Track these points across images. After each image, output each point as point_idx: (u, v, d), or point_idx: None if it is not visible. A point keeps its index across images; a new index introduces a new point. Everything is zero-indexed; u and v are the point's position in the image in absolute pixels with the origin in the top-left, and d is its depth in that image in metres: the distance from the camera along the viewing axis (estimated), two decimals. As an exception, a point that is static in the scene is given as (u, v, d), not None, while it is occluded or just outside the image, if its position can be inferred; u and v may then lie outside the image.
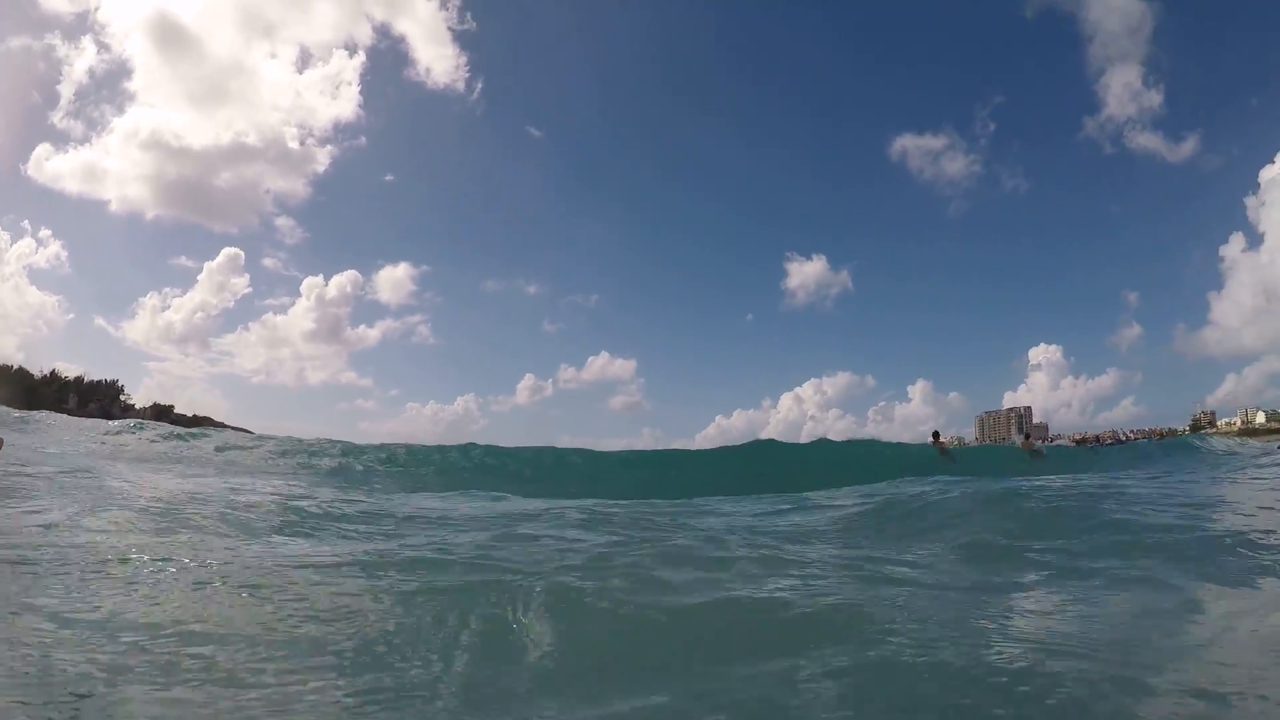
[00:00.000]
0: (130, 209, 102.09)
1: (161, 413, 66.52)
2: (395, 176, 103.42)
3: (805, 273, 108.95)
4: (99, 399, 68.10)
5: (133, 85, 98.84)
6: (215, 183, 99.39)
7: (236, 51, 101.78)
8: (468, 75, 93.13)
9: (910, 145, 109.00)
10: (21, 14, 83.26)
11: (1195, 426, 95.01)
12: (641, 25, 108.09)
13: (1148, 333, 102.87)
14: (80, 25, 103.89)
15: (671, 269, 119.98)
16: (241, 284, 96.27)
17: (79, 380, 69.76)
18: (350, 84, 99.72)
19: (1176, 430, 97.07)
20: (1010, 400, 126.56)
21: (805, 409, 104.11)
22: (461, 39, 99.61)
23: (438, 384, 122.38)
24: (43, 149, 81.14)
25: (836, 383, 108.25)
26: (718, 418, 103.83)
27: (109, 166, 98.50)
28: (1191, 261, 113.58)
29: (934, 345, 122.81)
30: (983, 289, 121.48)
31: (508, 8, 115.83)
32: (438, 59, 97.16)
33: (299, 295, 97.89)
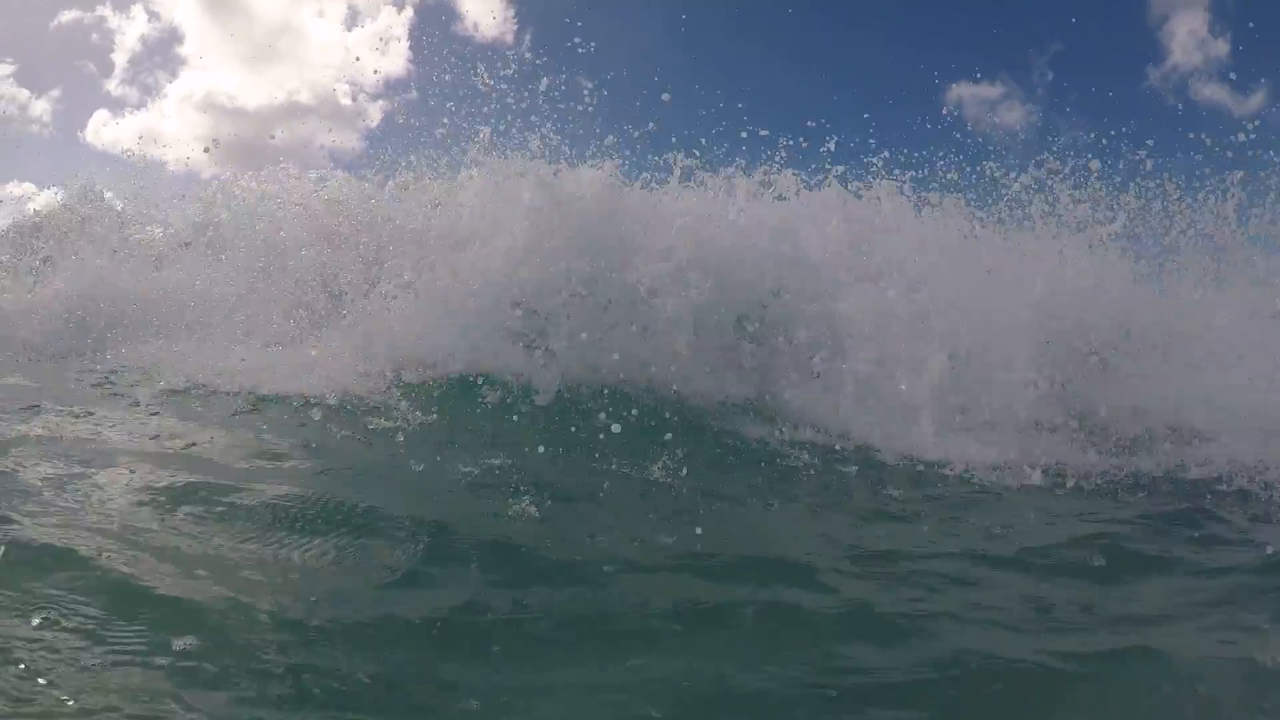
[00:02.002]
0: (188, 169, 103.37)
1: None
2: (445, 131, 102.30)
3: None
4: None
5: (184, 50, 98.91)
6: (270, 141, 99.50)
7: (284, 11, 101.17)
8: (515, 27, 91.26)
9: (967, 93, 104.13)
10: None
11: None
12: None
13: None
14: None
15: None
16: None
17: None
18: (399, 39, 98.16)
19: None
20: None
21: None
22: None
23: None
24: (99, 115, 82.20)
25: None
26: None
27: (165, 129, 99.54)
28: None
29: None
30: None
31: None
32: (484, 12, 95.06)
33: None
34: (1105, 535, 2.78)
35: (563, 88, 5.91)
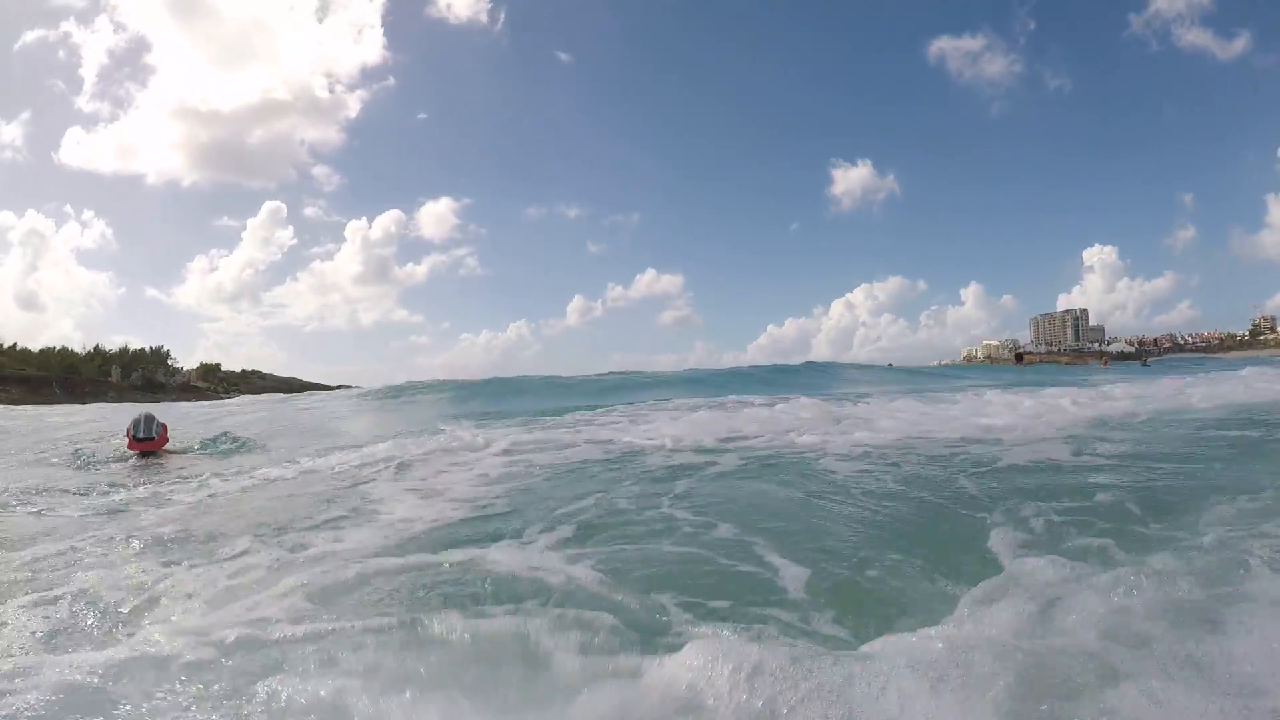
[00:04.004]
0: (167, 178, 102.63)
1: (208, 371, 67.51)
2: (428, 114, 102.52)
3: (850, 179, 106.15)
4: (143, 368, 69.15)
5: (153, 58, 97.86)
6: (248, 141, 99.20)
7: (253, 8, 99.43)
8: (489, 6, 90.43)
9: (948, 47, 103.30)
10: (32, 8, 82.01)
11: (1255, 332, 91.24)
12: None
13: (1203, 235, 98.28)
14: (92, 8, 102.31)
15: (712, 182, 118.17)
16: (286, 236, 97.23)
17: (123, 351, 70.88)
18: (373, 27, 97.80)
19: (1235, 335, 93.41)
20: (1065, 303, 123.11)
21: (857, 315, 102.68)
22: None
23: (489, 313, 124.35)
24: (73, 133, 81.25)
25: (888, 288, 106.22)
26: (769, 327, 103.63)
27: (140, 140, 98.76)
28: (1246, 162, 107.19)
29: (985, 248, 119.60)
30: (1032, 191, 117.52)
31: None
32: None
33: (344, 240, 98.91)
34: None
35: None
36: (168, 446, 8.18)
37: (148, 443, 7.82)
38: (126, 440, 7.87)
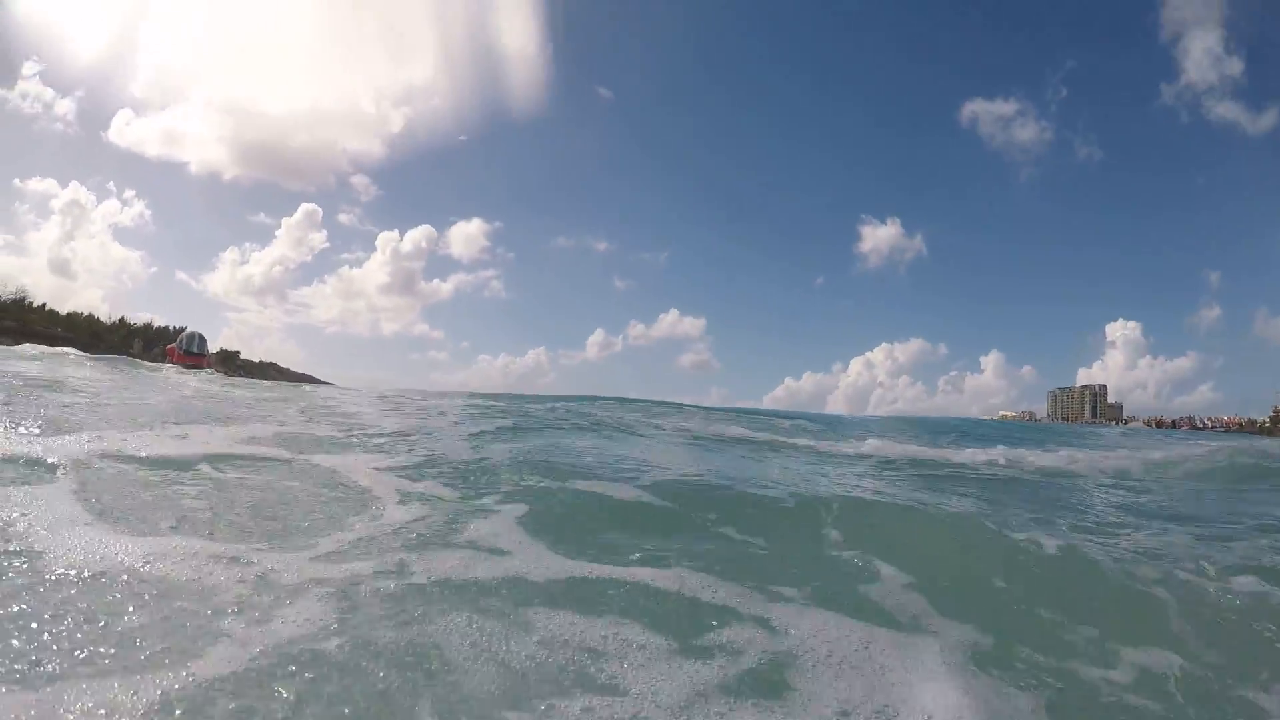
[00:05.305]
0: (209, 169, 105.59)
1: (227, 358, 68.30)
2: (468, 136, 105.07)
3: (879, 237, 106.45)
4: (164, 343, 70.14)
5: (209, 54, 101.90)
6: (292, 144, 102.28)
7: (310, 17, 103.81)
8: (539, 37, 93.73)
9: (981, 110, 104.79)
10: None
11: (1276, 419, 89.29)
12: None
13: (1228, 315, 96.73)
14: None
15: (741, 229, 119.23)
16: (319, 239, 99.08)
17: (147, 326, 72.02)
18: (425, 48, 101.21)
19: (1256, 421, 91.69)
20: (1085, 377, 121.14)
21: (875, 374, 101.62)
22: (534, 1, 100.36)
23: (509, 337, 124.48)
24: (123, 114, 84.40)
25: (909, 349, 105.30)
26: (786, 379, 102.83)
27: (188, 130, 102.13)
28: (1275, 242, 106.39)
29: (1009, 315, 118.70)
30: (1058, 260, 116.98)
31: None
32: (510, 21, 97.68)
33: (374, 249, 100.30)
34: None
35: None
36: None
37: (195, 358, 8.03)
38: (172, 353, 8.10)
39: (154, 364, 29.38)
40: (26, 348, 25.21)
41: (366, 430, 6.53)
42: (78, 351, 27.90)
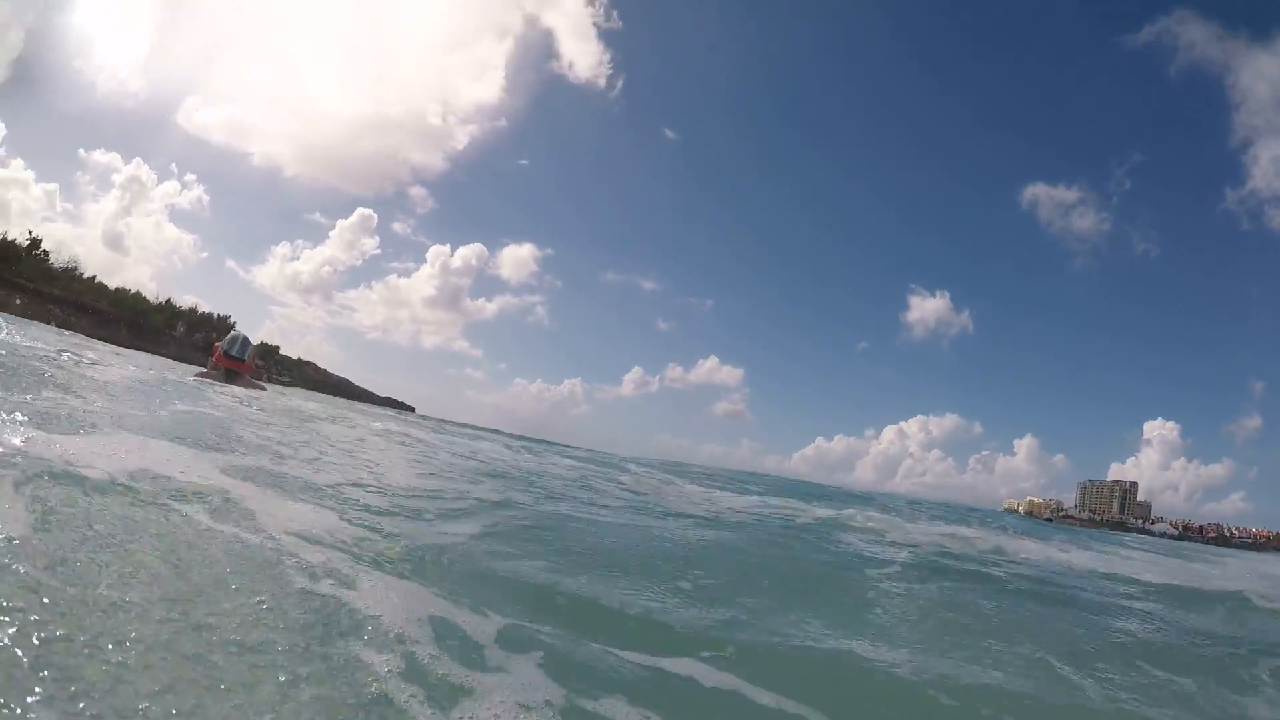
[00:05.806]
0: (271, 164, 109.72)
1: (267, 352, 70.31)
2: (530, 161, 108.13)
3: (926, 308, 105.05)
4: (207, 330, 72.57)
5: (281, 52, 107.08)
6: (354, 149, 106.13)
7: (385, 28, 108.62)
8: (610, 72, 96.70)
9: (1042, 194, 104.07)
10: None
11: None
12: (782, 44, 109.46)
13: (1268, 426, 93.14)
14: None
15: (789, 285, 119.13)
16: (371, 244, 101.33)
17: (192, 310, 74.77)
18: (496, 68, 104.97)
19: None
20: (1117, 472, 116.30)
21: (907, 445, 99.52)
22: (606, 36, 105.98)
23: (547, 364, 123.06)
24: (193, 100, 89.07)
25: (944, 424, 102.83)
26: (818, 439, 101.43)
27: (255, 123, 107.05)
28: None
29: (1047, 401, 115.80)
30: (1103, 351, 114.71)
31: (653, 9, 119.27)
32: (581, 54, 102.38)
33: (424, 262, 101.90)
34: None
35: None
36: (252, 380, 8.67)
37: (237, 363, 8.38)
38: (215, 354, 8.39)
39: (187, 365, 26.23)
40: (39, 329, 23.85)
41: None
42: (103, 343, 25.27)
